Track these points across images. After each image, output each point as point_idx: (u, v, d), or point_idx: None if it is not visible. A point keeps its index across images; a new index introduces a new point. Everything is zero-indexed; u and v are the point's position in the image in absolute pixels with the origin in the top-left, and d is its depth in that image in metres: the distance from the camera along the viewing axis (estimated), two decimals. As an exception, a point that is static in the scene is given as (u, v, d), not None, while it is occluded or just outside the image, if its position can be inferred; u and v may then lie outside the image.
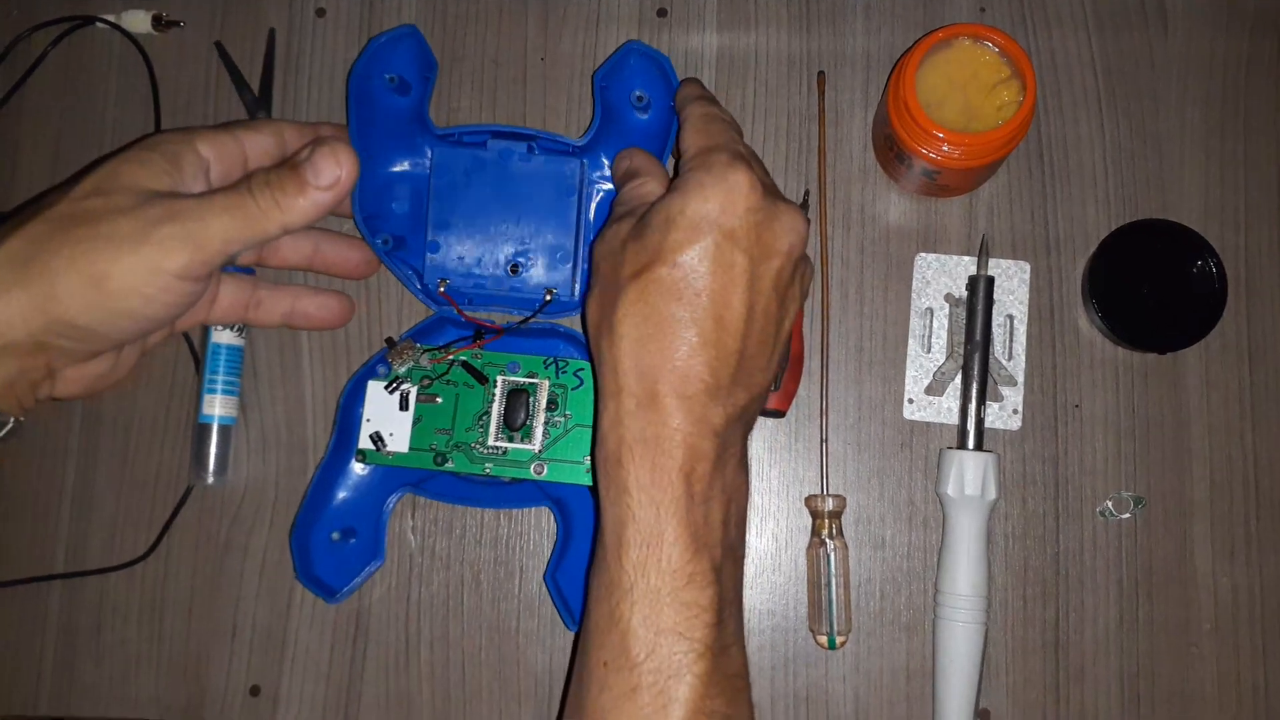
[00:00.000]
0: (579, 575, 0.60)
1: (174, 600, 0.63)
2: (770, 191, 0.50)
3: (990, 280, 0.63)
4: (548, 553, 0.63)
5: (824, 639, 0.61)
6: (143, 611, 0.63)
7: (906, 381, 0.64)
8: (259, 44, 0.68)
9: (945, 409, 0.63)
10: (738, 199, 0.48)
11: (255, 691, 0.62)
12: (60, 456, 0.64)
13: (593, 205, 0.64)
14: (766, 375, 0.51)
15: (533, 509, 0.64)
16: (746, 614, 0.62)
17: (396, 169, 0.64)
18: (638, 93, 0.63)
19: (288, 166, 0.50)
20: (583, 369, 0.61)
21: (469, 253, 0.62)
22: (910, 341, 0.64)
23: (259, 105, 0.67)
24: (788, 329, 0.52)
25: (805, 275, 0.53)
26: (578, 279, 0.63)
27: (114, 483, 0.64)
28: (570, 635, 0.62)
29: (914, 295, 0.64)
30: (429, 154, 0.64)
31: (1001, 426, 0.63)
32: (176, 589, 0.63)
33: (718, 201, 0.48)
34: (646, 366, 0.47)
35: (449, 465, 0.60)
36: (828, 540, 0.61)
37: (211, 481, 0.63)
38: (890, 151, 0.62)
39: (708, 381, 0.47)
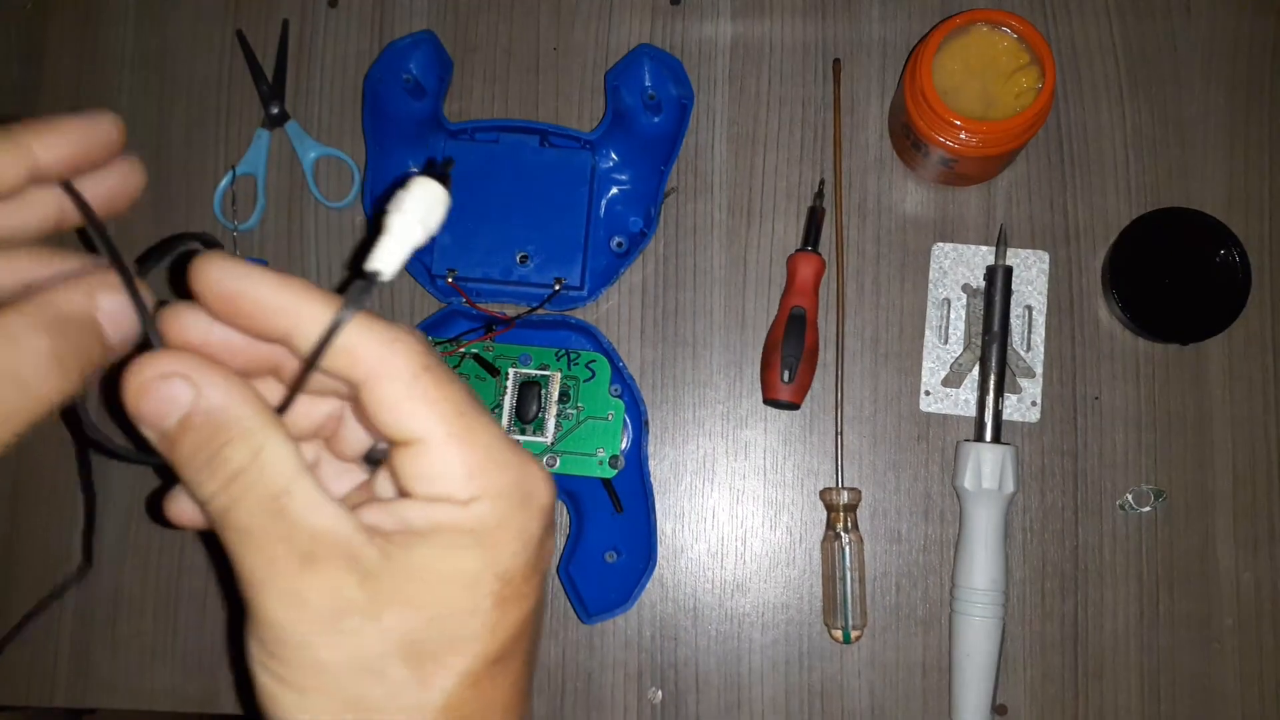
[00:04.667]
0: (591, 567, 0.60)
1: (189, 592, 0.63)
2: None
3: (1008, 270, 0.62)
4: (560, 545, 0.63)
5: (839, 633, 0.60)
6: (158, 604, 0.63)
7: (923, 373, 0.63)
8: (272, 35, 0.68)
9: (962, 401, 0.62)
10: None
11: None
12: (72, 447, 0.65)
13: (604, 198, 0.64)
14: None
15: (545, 502, 0.64)
16: (762, 608, 0.61)
17: (411, 168, 0.64)
18: (649, 95, 0.62)
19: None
20: (595, 361, 0.61)
21: (479, 243, 0.62)
22: (927, 333, 0.63)
23: (274, 95, 0.67)
24: None
25: None
26: (587, 270, 0.63)
27: (129, 472, 0.64)
28: (584, 627, 0.61)
29: (931, 286, 0.64)
30: (442, 150, 0.63)
31: (1020, 419, 0.62)
32: (191, 581, 0.63)
33: None
34: None
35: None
36: (843, 534, 0.60)
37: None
38: (907, 140, 0.61)
39: None
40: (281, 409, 0.27)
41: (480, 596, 0.27)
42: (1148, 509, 0.61)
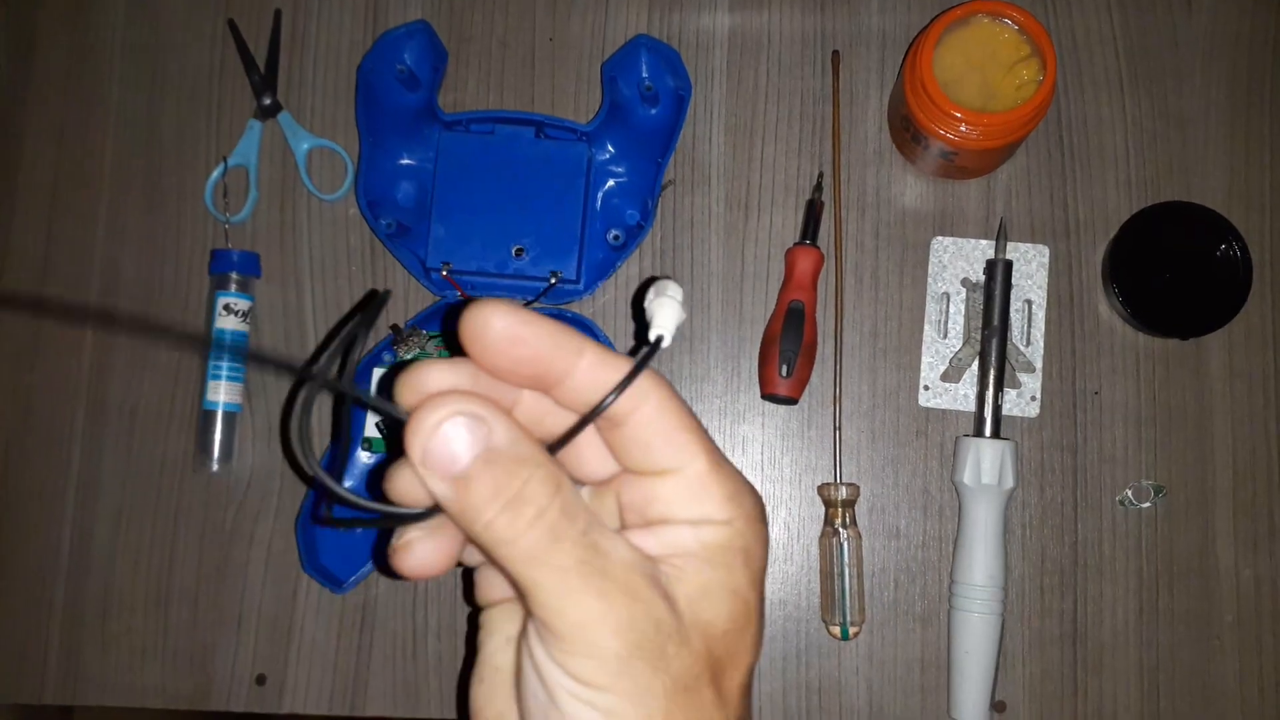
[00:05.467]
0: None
1: (180, 589, 0.63)
2: None
3: (1008, 264, 0.61)
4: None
5: (837, 629, 0.60)
6: (148, 600, 0.63)
7: (922, 368, 0.63)
8: (264, 24, 0.67)
9: (962, 396, 0.62)
10: None
11: (261, 680, 0.62)
12: (65, 443, 0.64)
13: (600, 191, 0.63)
14: None
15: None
16: (758, 604, 0.61)
17: (404, 160, 0.64)
18: (646, 85, 0.62)
19: None
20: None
21: (474, 236, 0.61)
22: (926, 327, 0.63)
23: (266, 86, 0.66)
24: None
25: None
26: (583, 263, 0.62)
27: (119, 469, 0.64)
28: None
29: (930, 280, 0.63)
30: (436, 141, 0.63)
31: (1019, 414, 0.62)
32: (182, 578, 0.63)
33: None
34: None
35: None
36: (841, 529, 0.60)
37: (216, 469, 0.62)
38: (906, 132, 0.60)
39: None
40: (554, 449, 0.27)
41: (751, 610, 0.29)
42: (1147, 505, 0.61)
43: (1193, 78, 0.64)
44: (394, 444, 0.59)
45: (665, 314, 0.29)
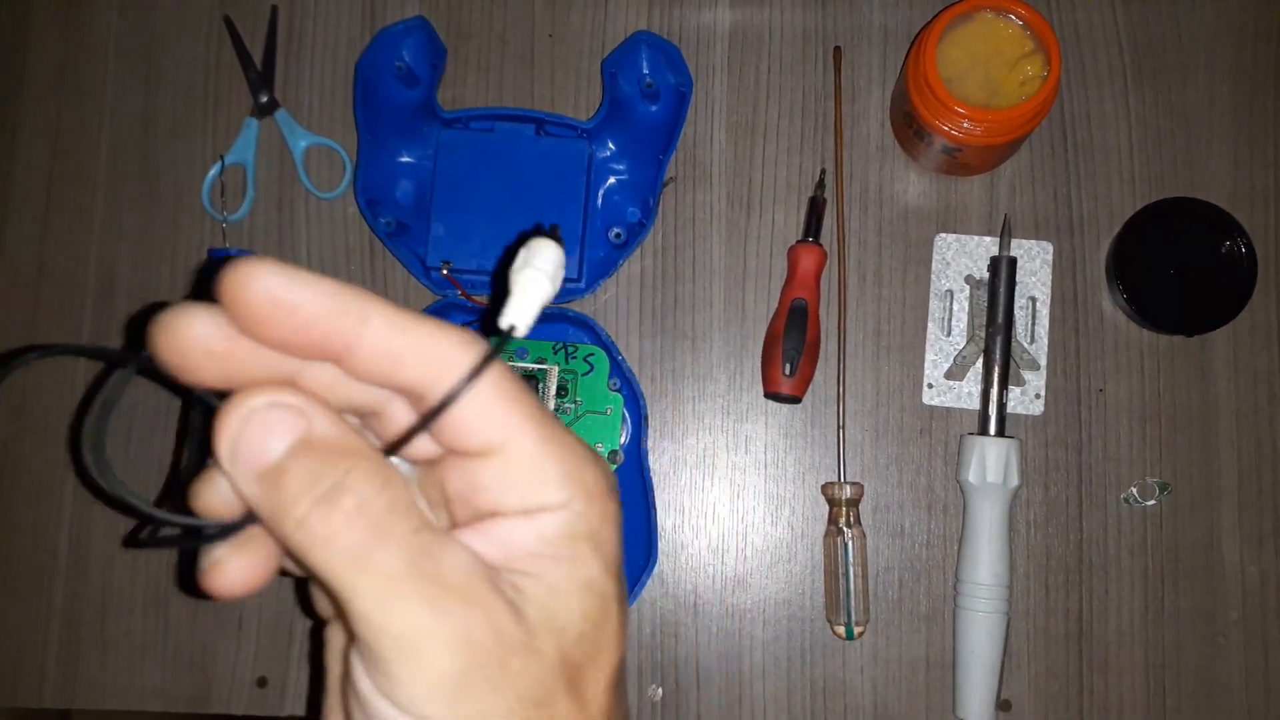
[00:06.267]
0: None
1: (179, 591, 0.62)
2: None
3: (1012, 261, 0.61)
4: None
5: (841, 629, 0.59)
6: (148, 602, 0.62)
7: (926, 366, 0.62)
8: (261, 21, 0.66)
9: (966, 394, 0.62)
10: None
11: (263, 683, 0.61)
12: (63, 441, 0.63)
13: (601, 189, 0.63)
14: None
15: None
16: (763, 604, 0.61)
17: (403, 158, 0.63)
18: (647, 82, 0.61)
19: None
20: (593, 354, 0.60)
21: (474, 234, 0.61)
22: (929, 325, 0.62)
23: (263, 83, 0.65)
24: None
25: None
26: (584, 262, 0.61)
27: (117, 469, 0.63)
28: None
29: (933, 277, 0.63)
30: (435, 138, 0.62)
31: (1023, 411, 0.61)
32: (181, 579, 0.62)
33: None
34: None
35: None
36: (845, 529, 0.60)
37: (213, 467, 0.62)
38: (909, 129, 0.60)
39: None
40: (391, 452, 0.24)
41: (609, 600, 0.25)
42: (1152, 502, 0.61)
43: (1197, 72, 0.64)
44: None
45: (526, 295, 0.25)
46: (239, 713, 0.61)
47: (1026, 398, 0.61)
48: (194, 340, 0.23)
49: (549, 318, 0.61)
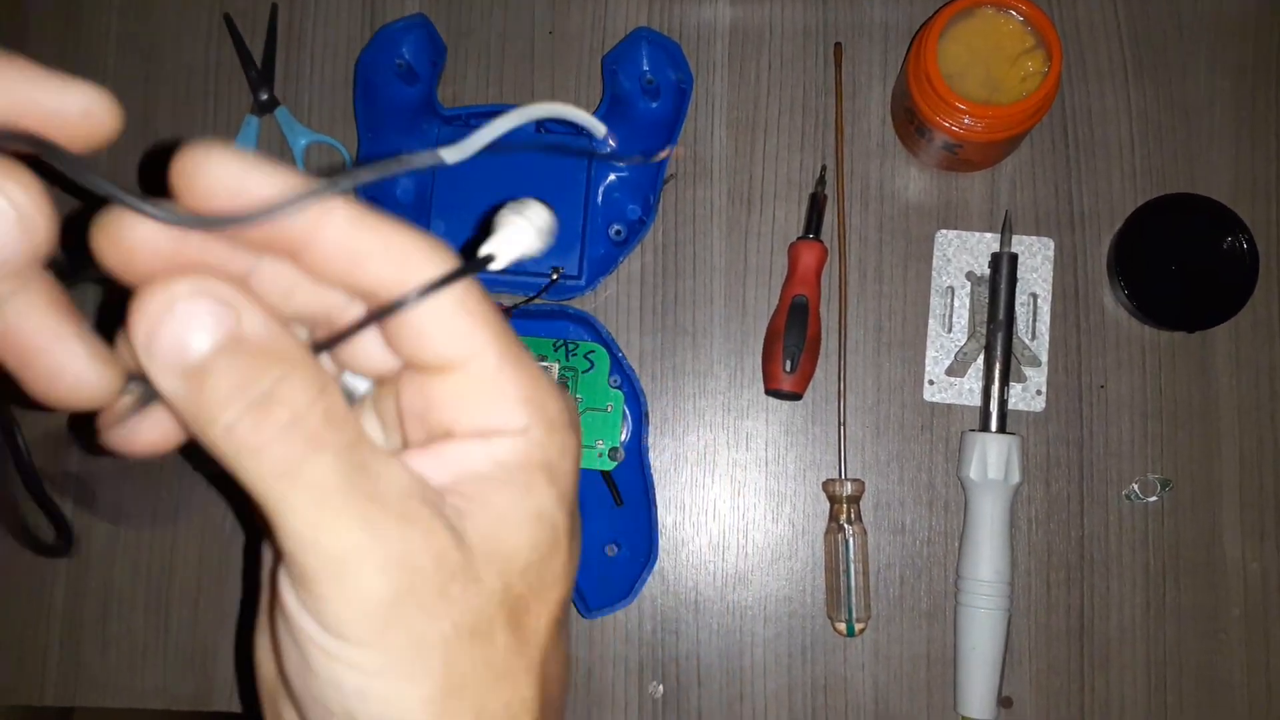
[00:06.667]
0: (591, 561, 0.59)
1: (180, 589, 0.62)
2: None
3: (1013, 257, 0.61)
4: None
5: (842, 626, 0.59)
6: (149, 601, 0.62)
7: (927, 362, 0.62)
8: (261, 18, 0.66)
9: (967, 390, 0.62)
10: None
11: (263, 681, 0.61)
12: (59, 440, 0.63)
13: (601, 186, 0.63)
14: None
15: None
16: (764, 601, 0.61)
17: (401, 154, 0.63)
18: (647, 79, 0.61)
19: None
20: (593, 351, 0.60)
21: (473, 232, 0.61)
22: (930, 321, 0.62)
23: (263, 81, 0.65)
24: None
25: None
26: (585, 258, 0.61)
27: (117, 468, 0.63)
28: (584, 621, 0.60)
29: (934, 274, 0.63)
30: (435, 137, 0.62)
31: (1025, 408, 0.61)
32: (183, 578, 0.62)
33: None
34: None
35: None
36: (846, 525, 0.60)
37: (212, 466, 0.62)
38: (910, 125, 0.60)
39: None
40: (320, 349, 0.22)
41: (560, 534, 0.24)
42: (1154, 499, 0.61)
43: (1198, 68, 0.64)
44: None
45: (510, 233, 0.24)
46: (240, 711, 0.61)
47: (1028, 394, 0.61)
48: (138, 239, 0.21)
49: (549, 314, 0.61)
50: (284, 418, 0.21)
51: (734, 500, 0.62)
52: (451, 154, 0.23)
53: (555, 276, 0.60)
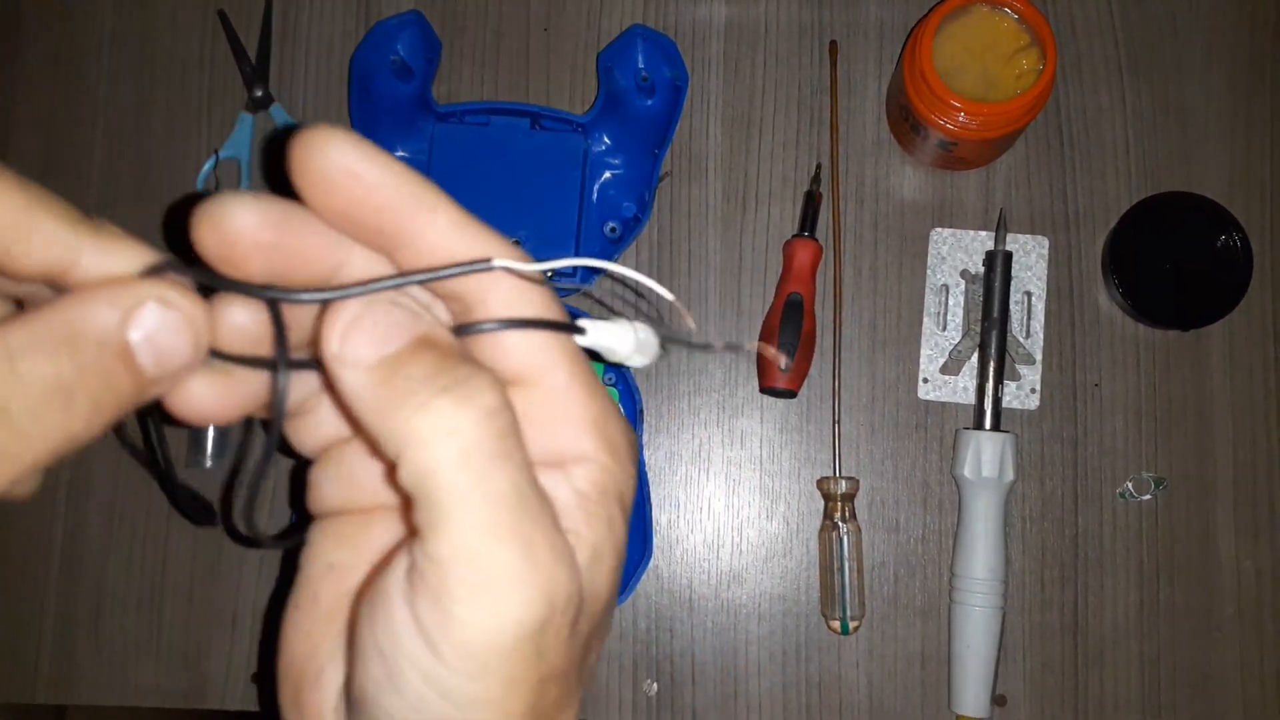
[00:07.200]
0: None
1: (173, 587, 0.62)
2: None
3: (1008, 256, 0.61)
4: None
5: (837, 624, 0.59)
6: (142, 599, 0.62)
7: (921, 360, 0.62)
8: (255, 15, 0.66)
9: (961, 388, 0.62)
10: None
11: (257, 679, 0.61)
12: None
13: (596, 183, 0.63)
14: None
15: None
16: (759, 599, 0.61)
17: (398, 152, 0.63)
18: (642, 76, 0.61)
19: None
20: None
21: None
22: (925, 319, 0.62)
23: (257, 77, 0.65)
24: None
25: None
26: (579, 256, 0.61)
27: (111, 466, 0.63)
28: (577, 621, 0.60)
29: (929, 272, 0.63)
30: (431, 132, 0.62)
31: (1019, 406, 0.61)
32: (176, 575, 0.62)
33: None
34: None
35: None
36: (840, 523, 0.60)
37: (209, 465, 0.62)
38: (905, 123, 0.60)
39: None
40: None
41: (616, 574, 0.23)
42: (1148, 497, 0.61)
43: (1192, 67, 0.64)
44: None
45: (614, 329, 0.24)
46: (233, 709, 0.61)
47: (1022, 392, 0.61)
48: (241, 229, 0.21)
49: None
50: (484, 405, 0.20)
51: (729, 498, 0.62)
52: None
53: (550, 274, 0.60)
